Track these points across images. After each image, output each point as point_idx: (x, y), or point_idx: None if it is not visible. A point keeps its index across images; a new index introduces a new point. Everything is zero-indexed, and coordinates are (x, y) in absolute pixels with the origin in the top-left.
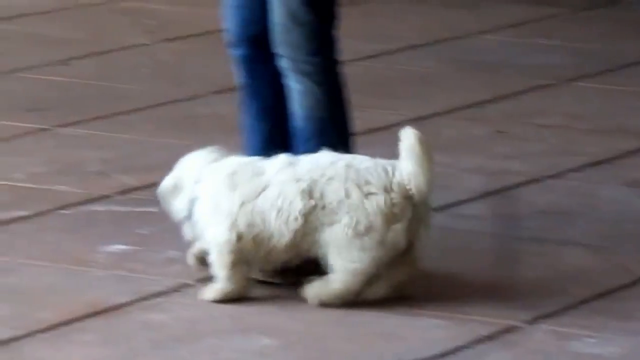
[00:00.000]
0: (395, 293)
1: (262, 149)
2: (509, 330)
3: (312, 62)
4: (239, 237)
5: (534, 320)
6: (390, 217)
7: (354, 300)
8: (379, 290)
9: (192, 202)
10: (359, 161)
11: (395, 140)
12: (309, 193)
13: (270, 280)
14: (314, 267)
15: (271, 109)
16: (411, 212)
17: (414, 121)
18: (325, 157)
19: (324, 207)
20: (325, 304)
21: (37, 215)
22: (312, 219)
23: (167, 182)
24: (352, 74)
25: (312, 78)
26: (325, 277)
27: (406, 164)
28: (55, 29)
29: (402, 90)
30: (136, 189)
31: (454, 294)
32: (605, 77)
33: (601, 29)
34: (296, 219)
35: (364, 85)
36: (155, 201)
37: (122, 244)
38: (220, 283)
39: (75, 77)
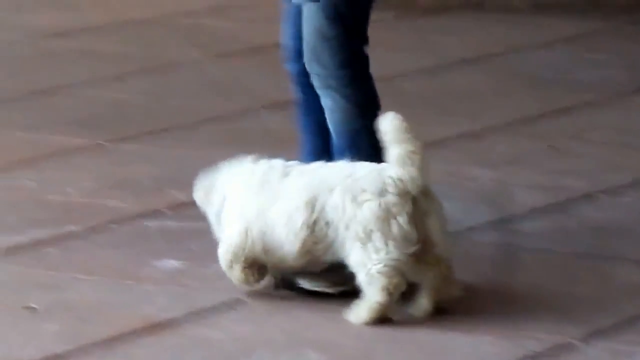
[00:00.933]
0: (439, 304)
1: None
2: (562, 347)
3: (339, 75)
4: (251, 243)
5: (588, 337)
6: (387, 218)
7: (401, 316)
8: (422, 303)
9: (221, 203)
10: (359, 170)
11: (448, 156)
12: (311, 205)
13: (320, 289)
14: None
15: (325, 124)
16: (411, 206)
17: (466, 136)
18: (331, 168)
19: (327, 223)
20: (370, 322)
21: (89, 230)
22: (317, 229)
23: (202, 184)
24: (404, 89)
25: (339, 92)
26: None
27: (393, 160)
28: (108, 44)
29: (453, 106)
30: (188, 204)
31: (505, 310)
32: None
33: None
34: (301, 229)
35: (416, 100)
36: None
37: (174, 259)
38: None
39: (127, 92)
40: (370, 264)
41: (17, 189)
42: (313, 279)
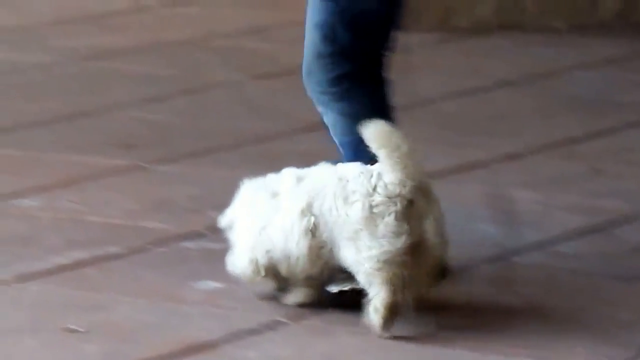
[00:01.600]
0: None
1: None
2: None
3: (331, 92)
4: (259, 268)
5: None
6: (373, 217)
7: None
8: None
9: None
10: (350, 171)
11: (489, 178)
12: (308, 210)
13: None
14: None
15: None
16: (400, 206)
17: (507, 158)
18: (324, 172)
19: (326, 224)
20: (387, 324)
21: (129, 251)
22: (319, 234)
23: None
24: (446, 111)
25: (333, 107)
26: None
27: (383, 162)
28: (147, 66)
29: (496, 127)
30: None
31: (544, 332)
32: None
33: None
34: (304, 235)
35: (458, 122)
36: None
37: (213, 280)
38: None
39: (167, 113)
40: (364, 262)
41: (58, 210)
42: (340, 281)
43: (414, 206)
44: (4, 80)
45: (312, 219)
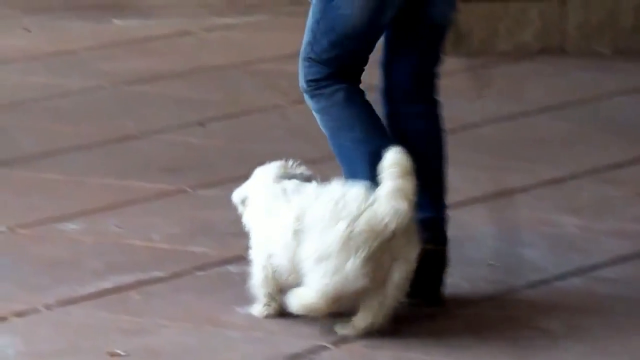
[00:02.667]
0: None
1: None
2: None
3: (308, 97)
4: (269, 274)
5: None
6: (347, 247)
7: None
8: (355, 324)
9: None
10: (349, 192)
11: (532, 204)
12: (298, 219)
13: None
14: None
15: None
16: (378, 243)
17: (550, 183)
18: (325, 189)
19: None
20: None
21: (173, 276)
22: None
23: (239, 191)
24: (489, 136)
25: (313, 111)
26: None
27: (384, 193)
28: (190, 90)
29: (538, 152)
30: None
31: (590, 357)
32: None
33: None
34: (292, 240)
35: (501, 147)
36: None
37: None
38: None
39: (210, 138)
40: (313, 283)
41: (102, 235)
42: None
43: (391, 244)
44: (47, 105)
45: (299, 225)
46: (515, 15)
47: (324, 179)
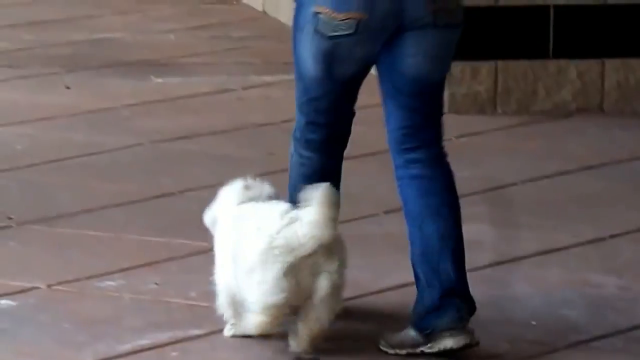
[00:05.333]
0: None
1: None
2: None
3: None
4: (231, 295)
5: None
6: (267, 259)
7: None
8: (299, 339)
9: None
10: (276, 208)
11: (572, 264)
12: (234, 239)
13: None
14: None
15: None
16: (292, 259)
17: (590, 243)
18: (268, 206)
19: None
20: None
21: (210, 334)
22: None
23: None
24: (528, 194)
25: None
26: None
27: (306, 216)
28: (230, 148)
29: (578, 211)
30: None
31: None
32: None
33: None
34: (231, 262)
35: (540, 205)
36: None
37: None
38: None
39: None
40: (248, 296)
41: (140, 292)
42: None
43: (310, 260)
44: (86, 162)
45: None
46: (553, 74)
47: (368, 238)
